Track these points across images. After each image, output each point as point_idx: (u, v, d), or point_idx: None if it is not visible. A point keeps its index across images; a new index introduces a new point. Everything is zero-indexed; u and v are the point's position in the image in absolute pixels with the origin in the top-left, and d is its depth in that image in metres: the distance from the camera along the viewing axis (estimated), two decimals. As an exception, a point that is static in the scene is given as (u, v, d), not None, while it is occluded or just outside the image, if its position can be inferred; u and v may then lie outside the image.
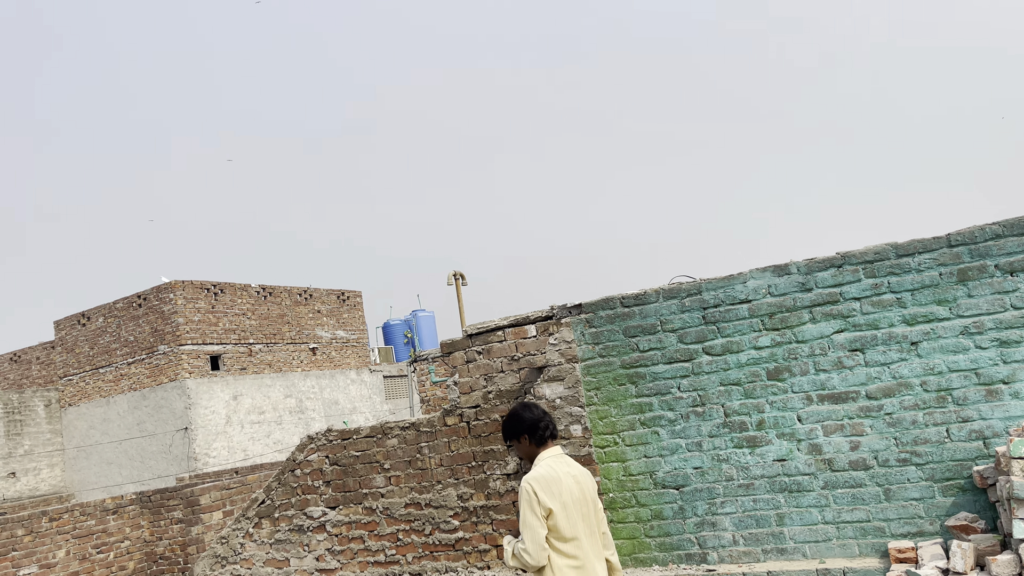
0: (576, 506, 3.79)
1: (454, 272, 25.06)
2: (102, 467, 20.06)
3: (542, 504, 3.68)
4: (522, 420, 3.93)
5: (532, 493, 3.68)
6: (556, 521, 3.69)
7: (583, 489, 3.85)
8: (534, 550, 3.64)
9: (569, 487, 3.80)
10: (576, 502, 3.79)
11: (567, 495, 3.75)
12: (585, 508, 3.83)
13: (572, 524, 3.73)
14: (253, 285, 21.05)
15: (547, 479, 3.73)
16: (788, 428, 4.79)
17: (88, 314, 20.85)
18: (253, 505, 6.73)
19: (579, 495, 3.83)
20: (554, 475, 3.76)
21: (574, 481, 3.85)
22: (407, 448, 6.15)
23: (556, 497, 3.70)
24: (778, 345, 4.85)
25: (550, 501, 3.68)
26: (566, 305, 5.54)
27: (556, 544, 3.70)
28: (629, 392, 5.23)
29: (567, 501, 3.74)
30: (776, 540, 4.78)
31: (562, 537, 3.70)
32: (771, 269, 4.91)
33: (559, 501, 3.70)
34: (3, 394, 20.20)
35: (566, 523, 3.71)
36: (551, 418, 3.98)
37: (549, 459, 3.88)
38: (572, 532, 3.73)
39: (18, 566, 10.20)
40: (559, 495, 3.72)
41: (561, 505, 3.70)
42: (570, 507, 3.74)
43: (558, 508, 3.68)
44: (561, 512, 3.69)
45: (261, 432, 19.96)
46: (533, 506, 3.68)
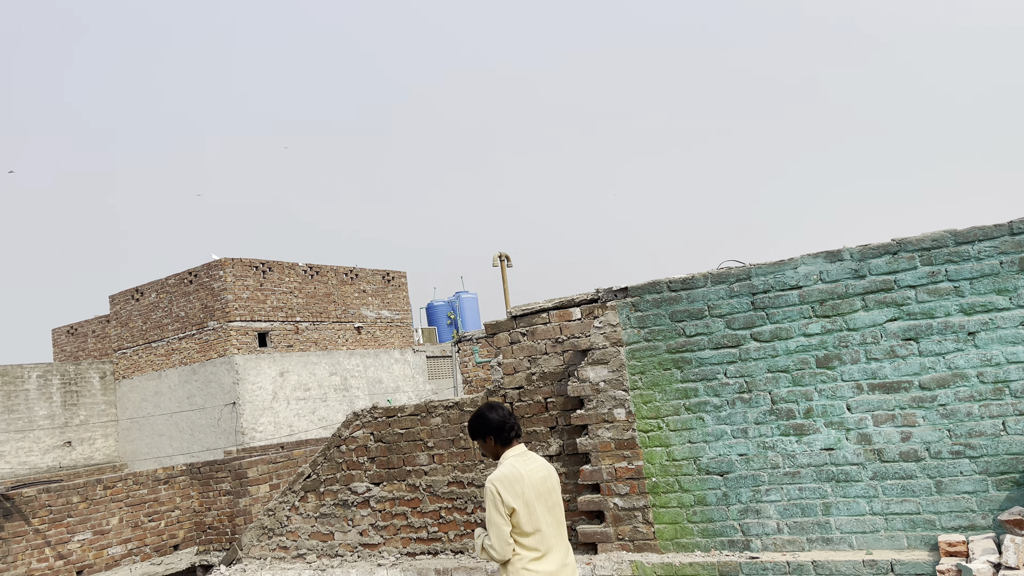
0: (540, 501, 4.06)
1: (499, 253, 25.09)
2: (153, 438, 20.64)
3: (505, 504, 3.95)
4: (488, 421, 4.18)
5: (496, 493, 3.94)
6: (519, 518, 3.96)
7: (547, 483, 4.13)
8: (499, 546, 3.95)
9: (532, 483, 4.06)
10: (540, 496, 4.06)
11: (529, 492, 4.02)
12: (550, 501, 4.10)
13: (534, 519, 4.01)
14: (300, 264, 21.35)
15: (510, 479, 4.00)
16: (837, 417, 4.71)
17: (142, 289, 21.39)
18: (299, 479, 6.86)
19: (543, 490, 4.10)
20: (516, 474, 4.01)
21: (538, 477, 4.11)
22: (450, 427, 6.20)
23: (519, 496, 3.97)
24: (828, 332, 4.76)
25: (512, 500, 3.95)
26: (612, 288, 5.51)
27: (519, 539, 3.99)
28: (674, 377, 5.19)
29: (529, 498, 4.01)
30: (822, 530, 4.72)
31: (524, 532, 3.98)
32: (823, 255, 4.81)
33: (521, 500, 3.96)
34: (60, 366, 20.87)
35: (527, 519, 3.98)
36: (515, 419, 4.23)
37: (512, 458, 4.13)
38: (534, 527, 4.01)
39: (73, 531, 10.57)
40: (521, 494, 3.98)
41: (524, 503, 3.97)
42: (532, 503, 4.01)
43: (520, 506, 3.95)
44: (523, 509, 3.96)
45: (306, 408, 20.31)
46: (497, 505, 3.95)
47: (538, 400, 5.83)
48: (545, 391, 5.80)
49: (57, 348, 25.94)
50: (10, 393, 19.46)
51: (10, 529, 9.95)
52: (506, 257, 25.12)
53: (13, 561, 9.91)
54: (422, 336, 27.06)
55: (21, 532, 10.06)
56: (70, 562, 10.45)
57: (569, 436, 5.68)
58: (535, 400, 5.84)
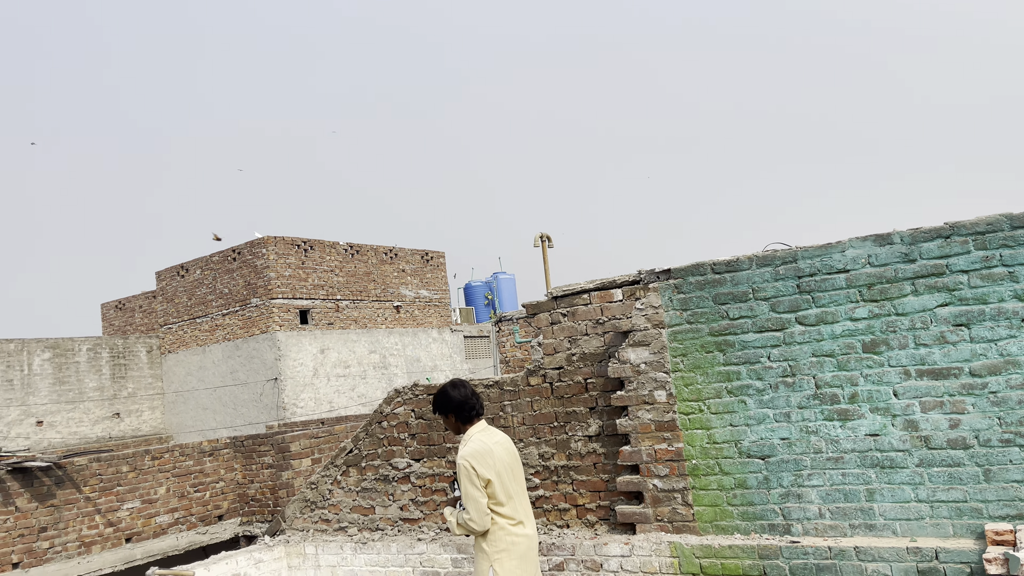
0: (508, 471, 4.29)
1: (541, 234, 25.06)
2: (198, 412, 21.12)
3: (480, 476, 4.15)
4: (450, 399, 4.40)
5: (471, 468, 4.15)
6: (493, 489, 4.18)
7: (510, 454, 4.38)
8: (479, 518, 4.15)
9: (500, 456, 4.27)
10: (507, 468, 4.29)
11: (499, 463, 4.24)
12: (516, 470, 4.35)
13: (506, 488, 4.24)
14: (341, 243, 21.57)
15: (481, 453, 4.19)
16: (883, 403, 4.65)
17: (187, 266, 21.81)
18: (341, 454, 6.98)
19: (509, 460, 4.33)
20: (486, 448, 4.22)
21: (503, 449, 4.33)
22: (490, 406, 6.25)
23: (491, 468, 4.17)
24: (876, 317, 4.68)
25: (486, 472, 4.15)
26: (654, 270, 5.48)
27: (496, 509, 4.20)
28: (717, 360, 5.16)
29: (500, 469, 4.22)
30: (865, 516, 4.67)
31: (499, 502, 4.20)
32: (872, 238, 4.73)
33: (493, 471, 4.17)
34: (109, 340, 21.42)
35: (501, 489, 4.20)
36: (478, 399, 4.44)
37: (477, 434, 4.35)
38: (507, 495, 4.24)
39: (122, 500, 10.90)
40: (492, 466, 4.19)
41: (496, 474, 4.18)
42: (503, 474, 4.23)
43: (493, 477, 4.16)
44: (496, 480, 4.17)
45: (346, 385, 20.60)
46: (473, 479, 4.14)
47: (578, 380, 5.84)
48: (585, 372, 5.81)
49: (106, 323, 26.62)
50: (61, 365, 20.04)
51: (62, 496, 10.29)
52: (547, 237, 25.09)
53: (65, 527, 10.26)
54: (460, 316, 27.22)
55: (72, 500, 10.40)
56: (119, 529, 10.79)
57: (609, 417, 5.69)
58: (575, 380, 5.86)
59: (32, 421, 19.19)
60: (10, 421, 18.76)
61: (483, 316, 28.42)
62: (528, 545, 4.34)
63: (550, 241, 25.21)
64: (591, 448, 5.77)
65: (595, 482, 5.75)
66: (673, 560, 5.10)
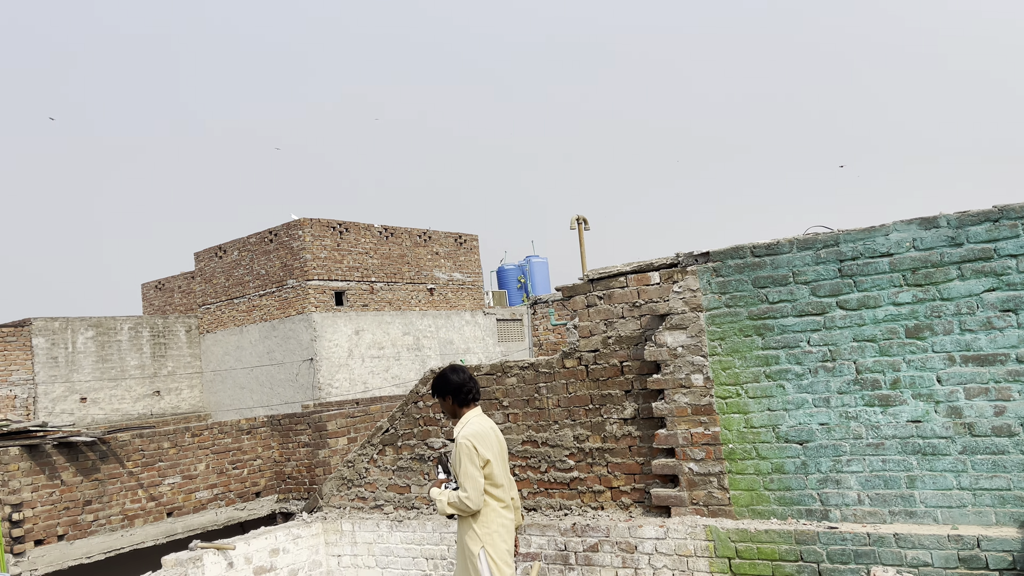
0: (499, 457, 4.38)
1: (577, 216, 24.96)
2: (235, 391, 21.48)
3: (480, 456, 4.24)
4: (448, 382, 4.50)
5: (472, 447, 4.23)
6: (491, 470, 4.28)
7: (501, 441, 4.48)
8: (475, 496, 4.20)
9: (493, 440, 4.37)
10: (499, 453, 4.38)
11: (495, 447, 4.35)
12: (504, 457, 4.45)
13: (499, 473, 4.33)
14: (376, 225, 21.70)
15: (480, 434, 4.29)
16: (926, 389, 4.58)
17: (224, 247, 22.11)
18: (378, 433, 7.06)
19: (500, 447, 4.42)
20: (483, 430, 4.33)
21: (496, 434, 4.43)
22: (525, 387, 6.27)
23: (489, 449, 4.28)
24: (920, 302, 4.60)
25: (487, 452, 4.25)
26: (692, 253, 5.44)
27: (490, 490, 4.29)
28: (755, 344, 5.11)
29: (495, 452, 4.33)
30: (905, 503, 4.62)
31: (495, 483, 4.30)
32: (917, 221, 4.64)
33: (491, 452, 4.28)
34: (149, 319, 21.84)
35: (497, 471, 4.31)
36: (475, 384, 4.55)
37: (475, 418, 4.44)
38: (501, 479, 4.34)
39: (164, 475, 11.14)
40: (491, 447, 4.30)
41: (493, 456, 4.28)
42: (497, 458, 4.33)
43: (492, 457, 4.27)
44: (494, 462, 4.29)
45: (380, 367, 20.79)
46: (473, 458, 4.22)
47: (614, 363, 5.84)
48: (621, 355, 5.80)
49: (146, 302, 27.14)
50: (104, 344, 20.50)
51: (106, 471, 10.56)
52: (584, 220, 24.98)
53: (109, 501, 10.53)
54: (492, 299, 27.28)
55: (116, 474, 10.66)
56: (161, 504, 11.05)
57: (644, 400, 5.67)
58: (610, 363, 5.85)
59: (76, 398, 19.68)
60: (55, 397, 19.26)
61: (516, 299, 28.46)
62: (510, 529, 4.47)
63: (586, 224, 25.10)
64: (626, 431, 5.77)
65: (630, 465, 5.75)
66: (708, 544, 5.10)
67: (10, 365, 18.61)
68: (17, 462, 9.70)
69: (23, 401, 18.63)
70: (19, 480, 9.68)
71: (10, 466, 9.65)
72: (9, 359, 18.60)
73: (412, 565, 6.51)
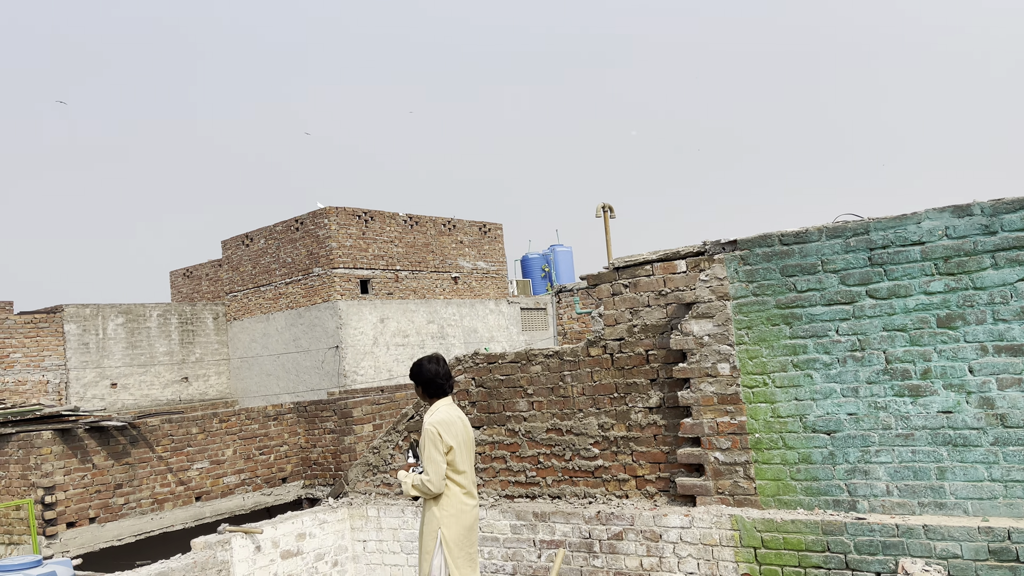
0: (465, 445, 4.58)
1: (603, 204, 24.84)
2: (262, 378, 21.71)
3: (444, 442, 4.45)
4: (421, 373, 4.69)
5: (437, 434, 4.45)
6: (454, 456, 4.48)
7: (467, 431, 4.65)
8: (437, 480, 4.42)
9: (461, 429, 4.57)
10: (464, 442, 4.57)
11: (460, 435, 4.54)
12: (469, 447, 4.62)
13: (463, 460, 4.52)
14: (401, 214, 21.77)
15: (446, 422, 4.51)
16: (957, 379, 4.51)
17: (251, 235, 22.31)
18: (403, 420, 7.10)
19: (465, 436, 4.60)
20: (451, 419, 4.54)
21: (463, 424, 4.62)
22: (550, 375, 6.27)
23: (454, 437, 4.48)
24: (952, 291, 4.53)
25: (450, 440, 4.46)
26: (719, 241, 5.40)
27: (452, 476, 4.49)
28: (783, 333, 5.07)
29: (460, 441, 4.52)
30: (935, 494, 4.56)
31: (457, 470, 4.50)
32: (950, 209, 4.56)
33: (455, 440, 4.48)
34: (178, 306, 22.11)
35: (460, 458, 4.50)
36: (448, 378, 4.72)
37: (444, 406, 4.64)
38: (464, 466, 4.53)
39: (192, 460, 11.30)
40: (455, 435, 4.50)
41: (457, 443, 4.48)
42: (461, 446, 4.52)
43: (455, 445, 4.48)
44: (457, 449, 4.48)
45: (405, 354, 20.90)
46: (437, 444, 4.44)
47: (639, 352, 5.82)
48: (646, 343, 5.78)
49: (174, 289, 27.47)
50: (134, 330, 20.80)
51: (136, 455, 10.73)
52: (609, 208, 24.86)
53: (139, 485, 10.71)
54: (516, 288, 27.27)
55: (146, 459, 10.84)
56: (189, 488, 11.21)
57: (670, 389, 5.65)
58: (636, 352, 5.83)
59: (107, 383, 20.00)
60: (86, 383, 19.59)
61: (540, 288, 28.42)
62: (474, 516, 4.60)
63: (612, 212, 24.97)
64: (651, 420, 5.75)
65: (655, 453, 5.74)
66: (734, 533, 5.07)
67: (43, 351, 18.95)
68: (50, 446, 9.89)
69: (55, 386, 18.97)
70: (52, 463, 9.87)
71: (43, 450, 9.84)
72: (42, 345, 18.94)
73: (437, 551, 6.55)
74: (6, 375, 18.11)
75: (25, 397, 18.18)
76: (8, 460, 10.13)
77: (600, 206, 24.81)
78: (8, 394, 17.87)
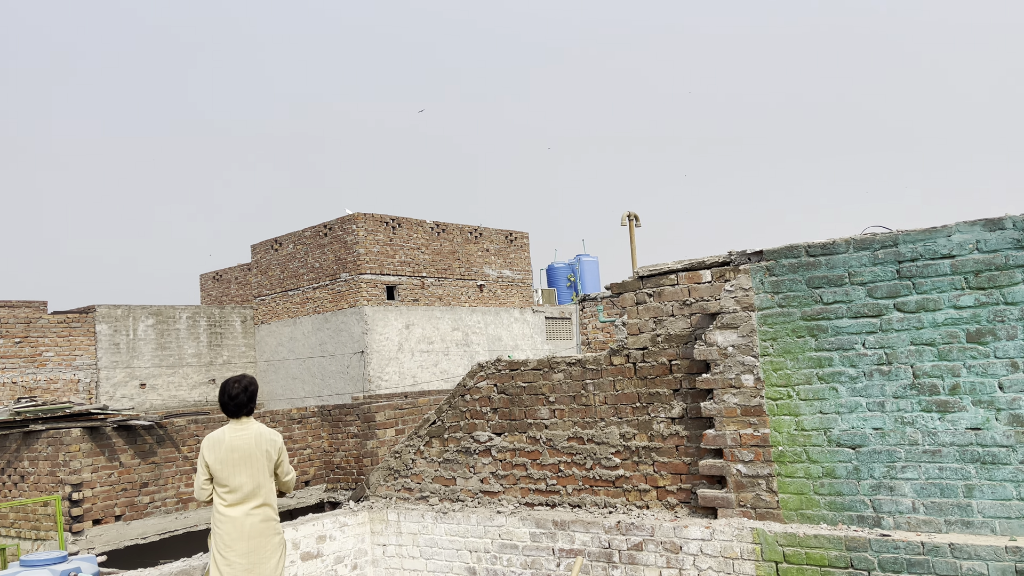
0: (236, 463, 4.98)
1: (628, 213, 24.79)
2: (288, 381, 21.89)
3: (203, 459, 4.99)
4: (220, 391, 5.14)
5: (201, 451, 5.02)
6: (217, 471, 4.96)
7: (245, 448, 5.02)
8: (196, 490, 5.07)
9: (225, 448, 4.98)
10: (238, 459, 4.98)
11: (225, 453, 4.96)
12: (246, 462, 4.99)
13: (229, 475, 4.95)
14: (428, 221, 21.88)
15: (214, 440, 5.01)
16: (987, 395, 4.43)
17: (280, 240, 22.55)
18: (425, 425, 7.12)
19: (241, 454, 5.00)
20: (219, 438, 5.01)
21: (236, 443, 5.01)
22: (572, 384, 6.26)
23: (214, 454, 4.96)
24: (982, 306, 4.46)
25: (209, 457, 4.96)
26: (745, 251, 5.36)
27: (217, 488, 4.99)
28: (808, 345, 5.01)
29: (223, 458, 4.96)
30: (962, 512, 4.48)
31: (220, 484, 4.98)
32: (981, 223, 4.49)
33: (215, 456, 4.96)
34: (207, 309, 22.39)
35: (224, 474, 4.95)
36: (240, 401, 5.08)
37: (227, 426, 5.09)
38: (230, 481, 4.94)
39: (217, 461, 11.38)
40: (217, 453, 4.97)
41: (218, 460, 4.94)
42: (227, 463, 4.95)
43: (216, 462, 4.95)
44: (220, 466, 4.94)
45: (429, 361, 20.96)
46: (200, 460, 5.03)
47: (662, 362, 5.79)
48: (670, 353, 5.75)
49: (204, 292, 27.83)
50: (163, 332, 21.09)
51: (162, 455, 10.87)
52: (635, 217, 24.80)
53: (164, 484, 10.84)
54: (541, 297, 27.25)
55: (172, 458, 10.97)
56: (214, 488, 11.31)
57: (693, 399, 5.61)
58: (659, 361, 5.80)
59: (136, 383, 20.29)
60: (116, 383, 19.89)
61: (565, 298, 28.38)
62: (235, 526, 4.95)
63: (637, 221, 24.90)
64: (673, 430, 5.71)
65: (676, 464, 5.70)
66: (755, 547, 5.02)
67: (74, 350, 19.27)
68: (79, 443, 10.04)
69: (86, 385, 19.28)
70: (79, 461, 10.02)
71: (72, 447, 10.00)
72: (74, 344, 19.27)
73: (456, 557, 6.55)
74: (38, 373, 18.45)
75: (56, 395, 18.50)
76: (37, 456, 10.31)
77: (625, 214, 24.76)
78: (40, 392, 18.19)
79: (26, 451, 10.49)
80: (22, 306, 18.51)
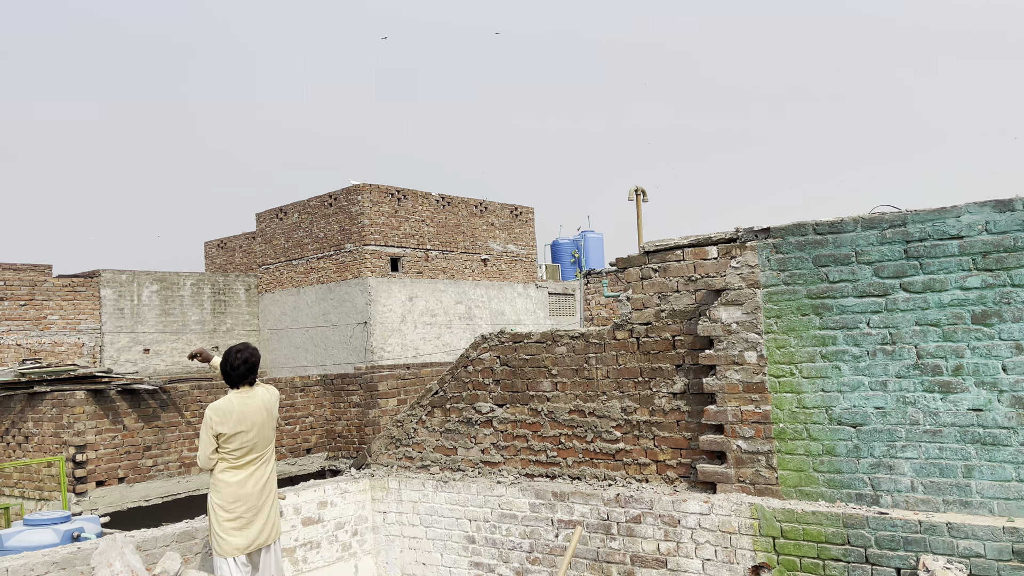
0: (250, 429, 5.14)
1: (635, 187, 24.68)
2: (291, 350, 21.98)
3: (214, 429, 5.05)
4: (223, 361, 5.31)
5: (208, 419, 5.08)
6: (227, 439, 5.07)
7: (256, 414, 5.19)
8: (202, 458, 5.13)
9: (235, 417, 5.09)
10: (250, 426, 5.14)
11: (235, 422, 5.08)
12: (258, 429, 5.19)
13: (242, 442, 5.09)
14: (433, 193, 21.83)
15: (222, 409, 5.09)
16: (990, 377, 4.43)
17: (285, 209, 22.52)
18: (427, 395, 7.15)
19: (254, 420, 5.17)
20: (228, 406, 5.11)
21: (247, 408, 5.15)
22: (575, 357, 6.27)
23: (225, 424, 5.06)
24: (989, 287, 4.45)
25: (221, 427, 5.05)
26: (752, 228, 5.34)
27: (224, 455, 5.10)
28: (812, 323, 5.01)
29: (235, 426, 5.07)
30: (960, 492, 4.50)
31: (229, 450, 5.08)
32: (991, 204, 4.47)
33: (226, 427, 5.05)
34: (211, 276, 22.43)
35: (236, 441, 5.07)
36: (241, 373, 5.24)
37: (233, 394, 5.21)
38: (238, 445, 5.08)
39: (220, 427, 11.46)
40: (227, 423, 5.06)
41: (230, 429, 5.05)
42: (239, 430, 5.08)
43: (228, 431, 5.06)
44: (231, 435, 5.05)
45: (432, 333, 21.02)
46: (207, 428, 5.07)
47: (665, 337, 5.79)
48: (673, 328, 5.75)
49: (208, 260, 27.86)
50: (168, 298, 21.14)
51: (166, 419, 10.94)
52: (642, 191, 24.69)
53: (167, 448, 10.92)
54: (545, 272, 27.24)
55: (175, 423, 11.04)
56: (216, 454, 11.40)
57: (695, 375, 5.63)
58: (662, 337, 5.80)
59: (140, 348, 20.39)
60: (120, 347, 19.98)
61: (569, 274, 28.37)
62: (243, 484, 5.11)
63: (645, 195, 24.79)
64: (675, 405, 5.73)
65: (677, 439, 5.73)
66: (753, 522, 5.05)
67: (79, 314, 19.35)
68: (83, 405, 10.11)
69: (90, 349, 19.38)
70: (84, 423, 10.10)
71: (76, 409, 10.07)
72: (78, 308, 19.34)
73: (455, 525, 6.61)
74: (43, 336, 18.54)
75: (61, 358, 18.60)
76: (42, 418, 10.38)
77: (632, 189, 24.67)
78: (45, 354, 18.29)
79: (31, 412, 10.57)
80: (27, 269, 18.55)
